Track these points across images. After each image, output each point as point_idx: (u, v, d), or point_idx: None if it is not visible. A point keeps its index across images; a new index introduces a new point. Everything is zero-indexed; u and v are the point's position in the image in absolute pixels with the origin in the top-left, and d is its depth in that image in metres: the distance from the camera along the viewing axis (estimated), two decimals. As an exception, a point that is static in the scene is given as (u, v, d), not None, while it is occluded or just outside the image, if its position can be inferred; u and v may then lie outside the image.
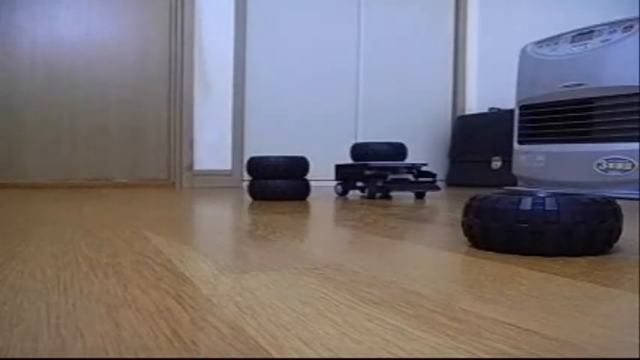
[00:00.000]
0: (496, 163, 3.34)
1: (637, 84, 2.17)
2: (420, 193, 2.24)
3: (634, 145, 2.18)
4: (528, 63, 2.67)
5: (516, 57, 2.82)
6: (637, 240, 0.98)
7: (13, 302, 0.51)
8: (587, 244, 0.79)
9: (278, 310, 0.49)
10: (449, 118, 3.89)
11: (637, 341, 0.41)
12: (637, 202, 2.01)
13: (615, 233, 0.82)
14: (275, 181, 2.02)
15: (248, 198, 2.14)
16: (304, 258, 0.77)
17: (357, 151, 2.39)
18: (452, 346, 0.39)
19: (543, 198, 0.80)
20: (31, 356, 0.37)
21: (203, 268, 0.69)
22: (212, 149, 3.12)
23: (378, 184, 2.13)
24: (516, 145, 2.76)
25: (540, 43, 2.65)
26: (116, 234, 1.01)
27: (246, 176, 3.10)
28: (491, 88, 3.89)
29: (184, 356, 0.37)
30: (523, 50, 2.74)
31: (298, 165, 2.06)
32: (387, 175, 2.16)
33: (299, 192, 2.05)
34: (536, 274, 0.66)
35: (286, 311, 0.49)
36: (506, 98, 3.46)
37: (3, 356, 0.37)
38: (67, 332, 0.42)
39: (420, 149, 3.75)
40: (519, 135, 2.74)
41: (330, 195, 2.39)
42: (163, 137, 3.11)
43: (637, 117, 2.18)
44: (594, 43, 2.34)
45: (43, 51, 2.84)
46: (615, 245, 0.90)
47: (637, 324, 0.46)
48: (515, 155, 2.77)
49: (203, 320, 0.46)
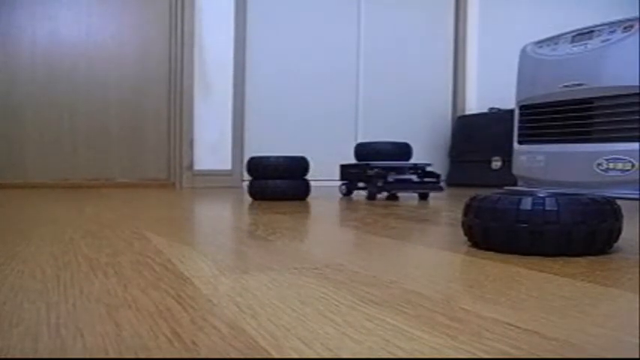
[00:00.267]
0: (496, 163, 3.34)
1: (637, 84, 2.17)
2: (424, 194, 2.19)
3: (634, 145, 2.18)
4: (528, 63, 2.67)
5: (516, 57, 2.82)
6: (637, 240, 0.98)
7: (13, 302, 0.51)
8: (587, 244, 0.79)
9: (278, 310, 0.49)
10: (449, 118, 3.89)
11: (637, 341, 0.41)
12: (637, 202, 2.01)
13: (615, 233, 0.82)
14: (275, 181, 2.01)
15: (248, 198, 2.14)
16: (304, 258, 0.77)
17: (361, 151, 2.36)
18: (452, 346, 0.39)
19: (543, 198, 0.80)
20: (31, 356, 0.37)
21: (203, 268, 0.69)
22: (212, 149, 3.12)
23: (379, 185, 2.11)
24: (516, 145, 2.76)
25: (540, 43, 2.65)
26: (116, 234, 1.01)
27: (246, 176, 3.10)
28: (491, 88, 3.89)
29: (184, 356, 0.37)
30: (523, 50, 2.74)
31: (298, 165, 2.06)
32: (387, 176, 2.13)
33: (299, 192, 2.05)
34: (536, 274, 0.66)
35: (286, 311, 0.49)
36: (506, 98, 3.47)
37: (3, 356, 0.37)
38: (67, 332, 0.42)
39: (420, 149, 3.75)
40: (519, 135, 2.74)
41: (331, 195, 2.38)
42: (163, 137, 3.11)
43: (637, 117, 2.18)
44: (594, 43, 2.34)
45: (43, 51, 2.84)
46: (615, 245, 0.90)
47: (637, 324, 0.46)
48: (515, 155, 2.77)
49: (203, 320, 0.46)
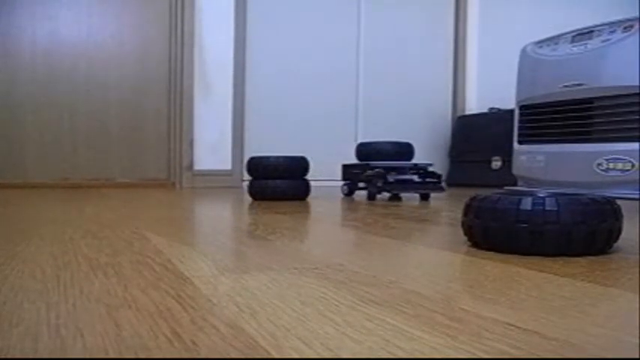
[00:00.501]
0: (496, 163, 3.34)
1: (637, 84, 2.17)
2: (425, 194, 2.17)
3: (634, 145, 2.18)
4: (528, 63, 2.67)
5: (516, 57, 2.82)
6: (637, 240, 0.98)
7: (13, 302, 0.51)
8: (587, 244, 0.79)
9: (278, 310, 0.49)
10: (449, 118, 3.89)
11: (637, 341, 0.41)
12: (637, 202, 2.01)
13: (615, 233, 0.82)
14: (275, 181, 2.01)
15: (248, 198, 2.14)
16: (304, 258, 0.77)
17: (362, 151, 2.35)
18: (452, 346, 0.39)
19: (543, 198, 0.80)
20: (31, 356, 0.37)
21: (203, 268, 0.69)
22: (212, 149, 3.12)
23: (379, 185, 2.10)
24: (516, 145, 2.76)
25: (540, 43, 2.65)
26: (116, 234, 1.01)
27: (246, 176, 3.10)
28: (491, 88, 3.89)
29: (184, 356, 0.37)
30: (523, 50, 2.74)
31: (298, 165, 2.06)
32: (387, 176, 2.12)
33: (299, 192, 2.05)
34: (536, 274, 0.66)
35: (286, 311, 0.49)
36: (506, 98, 3.47)
37: (3, 356, 0.37)
38: (67, 332, 0.42)
39: (421, 149, 3.75)
40: (519, 135, 2.74)
41: (331, 195, 2.38)
42: (163, 137, 3.11)
43: (637, 117, 2.18)
44: (594, 43, 2.34)
45: (43, 51, 2.84)
46: (615, 245, 0.90)
47: (637, 324, 0.46)
48: (515, 155, 2.77)
49: (203, 320, 0.46)
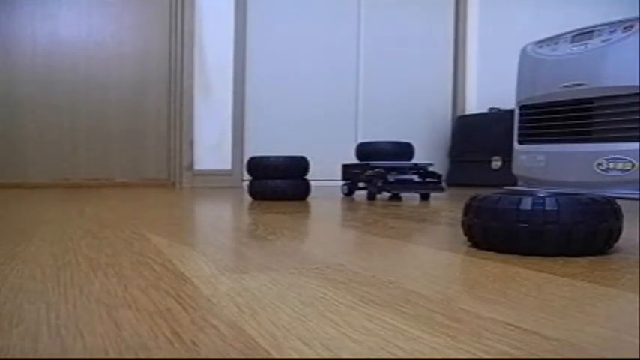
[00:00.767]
0: (496, 163, 3.34)
1: (637, 84, 2.17)
2: (425, 194, 2.17)
3: (634, 145, 2.18)
4: (528, 63, 2.67)
5: (516, 57, 2.82)
6: (637, 240, 0.98)
7: (13, 302, 0.51)
8: (587, 244, 0.79)
9: (278, 310, 0.49)
10: (449, 118, 3.89)
11: (637, 341, 0.41)
12: (637, 202, 2.01)
13: (615, 233, 0.82)
14: (275, 181, 2.01)
15: (248, 198, 2.14)
16: (304, 258, 0.77)
17: (362, 151, 2.35)
18: (452, 346, 0.39)
19: (543, 198, 0.80)
20: (31, 356, 0.37)
21: (203, 268, 0.69)
22: (212, 149, 3.12)
23: (379, 185, 2.10)
24: (516, 145, 2.76)
25: (540, 43, 2.65)
26: (116, 234, 1.01)
27: (246, 176, 3.10)
28: (491, 88, 3.89)
29: (184, 356, 0.37)
30: (523, 50, 2.74)
31: (298, 165, 2.06)
32: (387, 176, 2.12)
33: (299, 192, 2.05)
34: (536, 274, 0.66)
35: (286, 311, 0.49)
36: (506, 98, 3.47)
37: (3, 356, 0.37)
38: (67, 332, 0.42)
39: (421, 149, 3.75)
40: (519, 135, 2.74)
41: (331, 195, 2.38)
42: (163, 137, 3.11)
43: (637, 117, 2.18)
44: (594, 43, 2.34)
45: (43, 51, 2.84)
46: (615, 245, 0.90)
47: (637, 324, 0.46)
48: (515, 155, 2.77)
49: (203, 320, 0.46)
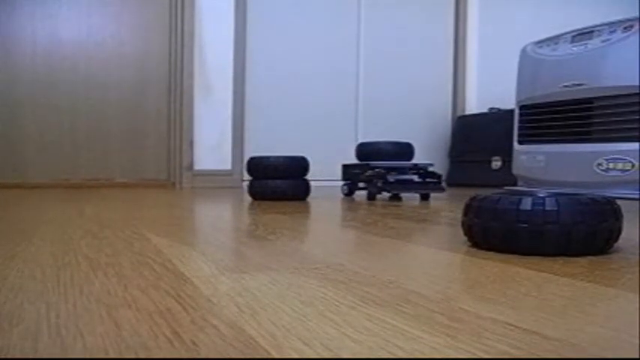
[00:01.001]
0: (496, 163, 3.34)
1: (637, 84, 2.17)
2: (425, 194, 2.17)
3: (634, 145, 2.18)
4: (528, 63, 2.67)
5: (516, 57, 2.82)
6: (637, 240, 0.98)
7: (13, 302, 0.51)
8: (587, 244, 0.79)
9: (278, 310, 0.49)
10: (449, 118, 3.89)
11: (637, 341, 0.41)
12: (637, 202, 2.01)
13: (615, 233, 0.82)
14: (275, 181, 2.01)
15: (248, 198, 2.14)
16: (304, 258, 0.77)
17: (362, 151, 2.35)
18: (452, 346, 0.39)
19: (543, 198, 0.80)
20: (31, 356, 0.37)
21: (203, 268, 0.69)
22: (212, 149, 3.12)
23: (379, 185, 2.10)
24: (516, 145, 2.76)
25: (540, 43, 2.65)
26: (116, 234, 1.01)
27: (246, 176, 3.10)
28: (491, 88, 3.89)
29: (184, 356, 0.37)
30: (523, 50, 2.74)
31: (298, 165, 2.06)
32: (387, 176, 2.12)
33: (299, 192, 2.05)
34: (536, 274, 0.66)
35: (286, 311, 0.49)
36: (506, 98, 3.47)
37: (3, 356, 0.37)
38: (67, 332, 0.42)
39: (421, 149, 3.75)
40: (519, 135, 2.74)
41: (331, 195, 2.38)
42: (163, 137, 3.11)
43: (637, 117, 2.18)
44: (594, 43, 2.34)
45: (43, 51, 2.84)
46: (615, 245, 0.90)
47: (637, 324, 0.46)
48: (515, 155, 2.77)
49: (203, 320, 0.46)
